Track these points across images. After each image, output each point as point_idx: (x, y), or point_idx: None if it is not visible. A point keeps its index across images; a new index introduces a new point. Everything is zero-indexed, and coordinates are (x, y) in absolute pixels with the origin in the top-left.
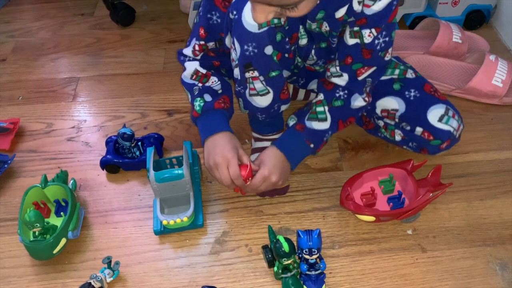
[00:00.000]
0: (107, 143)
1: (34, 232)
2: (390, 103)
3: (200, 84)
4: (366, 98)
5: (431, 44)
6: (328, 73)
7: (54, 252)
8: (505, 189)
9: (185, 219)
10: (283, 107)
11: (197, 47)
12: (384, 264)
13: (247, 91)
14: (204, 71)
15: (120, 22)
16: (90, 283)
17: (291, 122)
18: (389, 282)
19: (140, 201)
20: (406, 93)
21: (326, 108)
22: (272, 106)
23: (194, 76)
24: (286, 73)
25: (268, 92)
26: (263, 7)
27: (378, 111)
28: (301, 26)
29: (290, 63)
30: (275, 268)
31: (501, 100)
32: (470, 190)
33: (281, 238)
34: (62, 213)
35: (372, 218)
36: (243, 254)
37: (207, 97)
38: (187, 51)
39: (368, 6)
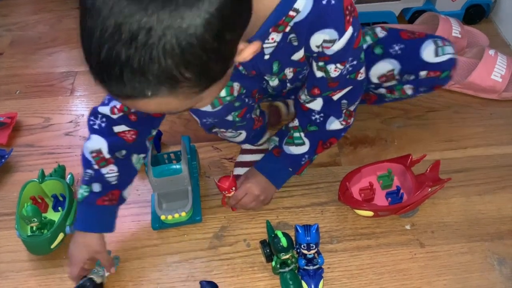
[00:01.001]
0: None
1: (31, 227)
2: (383, 67)
3: (96, 167)
4: (344, 122)
5: None
6: (301, 100)
7: (52, 247)
8: (504, 184)
9: (183, 214)
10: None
11: (118, 106)
12: (382, 259)
13: (219, 135)
14: (108, 156)
15: None
16: (91, 278)
17: (271, 145)
18: (387, 277)
19: (138, 196)
20: (391, 50)
21: (302, 134)
22: (248, 137)
23: (95, 154)
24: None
25: (241, 134)
26: None
27: (374, 80)
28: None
29: (258, 102)
30: (273, 263)
31: (500, 95)
32: (468, 185)
33: (279, 233)
34: (59, 208)
35: (370, 213)
36: (241, 249)
37: (96, 187)
38: (104, 109)
39: (328, 48)
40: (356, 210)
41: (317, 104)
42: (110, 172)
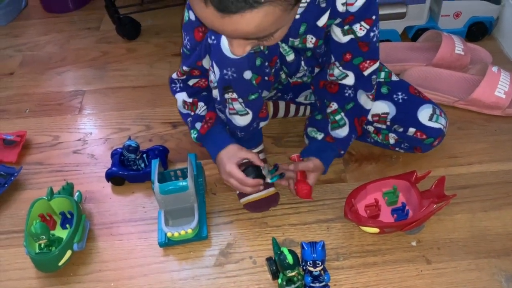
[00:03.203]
0: (112, 155)
1: (40, 244)
2: (381, 107)
3: (192, 113)
4: (371, 96)
5: (433, 56)
6: (333, 78)
7: (60, 264)
8: (510, 200)
9: (189, 231)
10: (262, 124)
11: (182, 70)
12: (388, 276)
13: (226, 110)
14: (190, 100)
15: (126, 36)
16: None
17: (319, 136)
18: None
19: (144, 213)
20: (394, 96)
21: (343, 114)
22: (251, 125)
23: (186, 107)
24: (266, 93)
25: (247, 113)
26: (239, 41)
27: (369, 116)
28: (284, 44)
29: (269, 85)
30: (279, 280)
31: (504, 111)
32: (474, 201)
33: (285, 250)
34: (67, 225)
35: (376, 230)
36: (247, 266)
37: (198, 126)
38: (174, 75)
39: (352, 4)
40: (361, 227)
41: (349, 79)
42: (201, 108)
